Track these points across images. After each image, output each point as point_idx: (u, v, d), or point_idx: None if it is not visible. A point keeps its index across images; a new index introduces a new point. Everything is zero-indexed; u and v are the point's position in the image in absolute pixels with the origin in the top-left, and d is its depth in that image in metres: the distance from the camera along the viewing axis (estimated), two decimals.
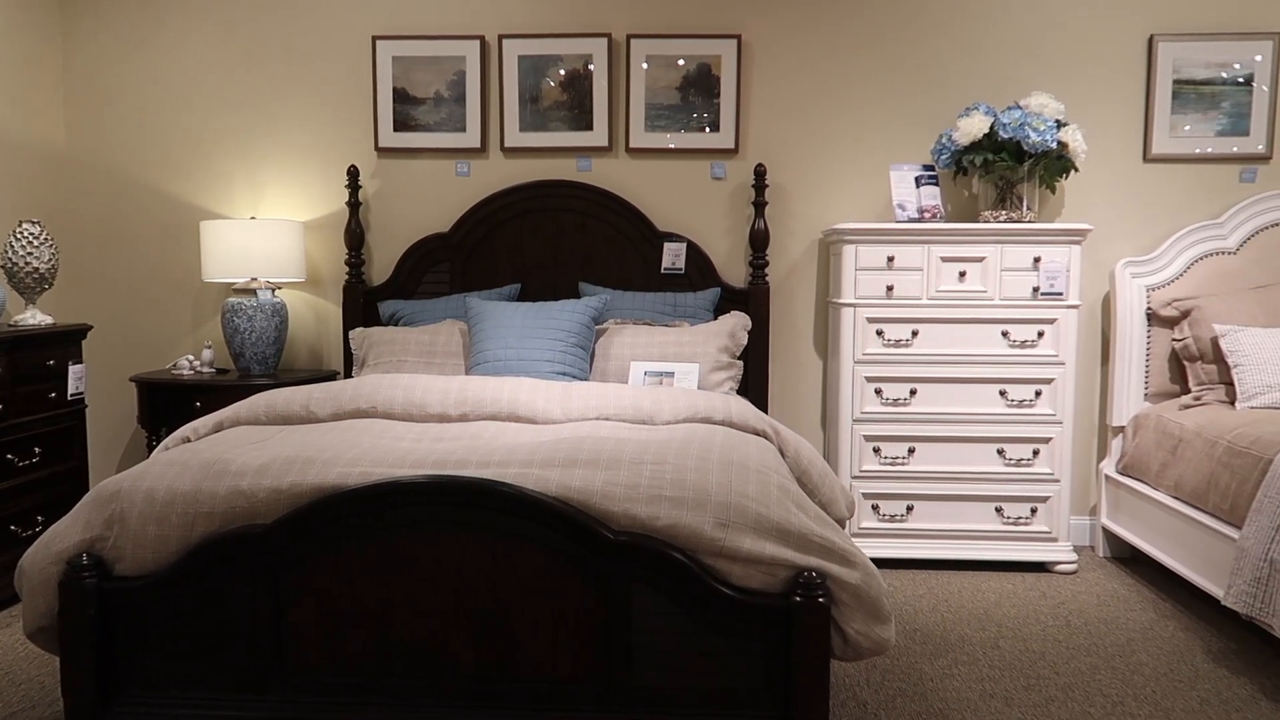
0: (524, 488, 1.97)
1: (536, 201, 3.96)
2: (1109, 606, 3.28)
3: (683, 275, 3.94)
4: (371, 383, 2.82)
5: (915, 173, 3.74)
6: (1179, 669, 2.76)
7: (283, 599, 2.02)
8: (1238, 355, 3.41)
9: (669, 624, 1.97)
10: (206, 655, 2.03)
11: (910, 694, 2.59)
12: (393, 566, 2.00)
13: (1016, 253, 3.57)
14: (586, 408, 2.76)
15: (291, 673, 2.03)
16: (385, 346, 3.59)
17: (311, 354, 4.17)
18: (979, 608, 3.26)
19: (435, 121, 4.03)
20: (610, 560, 1.96)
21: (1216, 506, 3.03)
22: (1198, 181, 3.91)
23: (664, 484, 2.01)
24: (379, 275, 4.10)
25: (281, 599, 2.02)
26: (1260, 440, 2.91)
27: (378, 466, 2.09)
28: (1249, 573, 2.71)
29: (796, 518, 2.00)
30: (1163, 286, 3.80)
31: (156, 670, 2.04)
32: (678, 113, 3.97)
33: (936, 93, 3.94)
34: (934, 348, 3.61)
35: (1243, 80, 3.84)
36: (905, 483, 3.64)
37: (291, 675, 2.03)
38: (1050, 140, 3.52)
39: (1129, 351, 3.80)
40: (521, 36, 3.98)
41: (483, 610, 1.99)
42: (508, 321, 3.47)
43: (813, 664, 1.92)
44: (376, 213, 4.10)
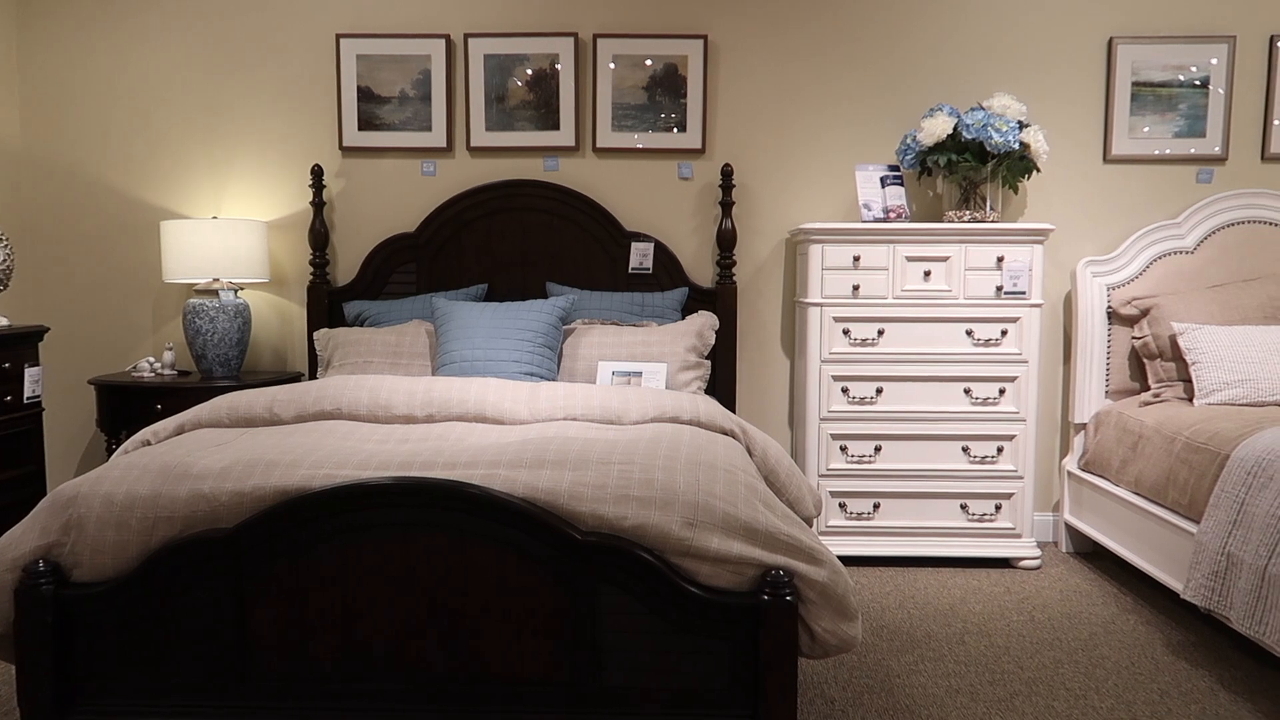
0: (491, 489, 1.96)
1: (503, 201, 3.94)
2: (1072, 601, 3.33)
3: (650, 275, 3.94)
4: (336, 384, 2.79)
5: (880, 173, 3.77)
6: (1140, 662, 2.81)
7: (246, 604, 1.99)
8: (1195, 353, 3.47)
9: (637, 624, 1.97)
10: (167, 662, 2.00)
11: (877, 690, 2.61)
12: (358, 570, 1.98)
13: (980, 252, 3.61)
14: (554, 408, 2.75)
15: (255, 679, 2.00)
16: (351, 347, 3.56)
17: (276, 356, 4.13)
18: (945, 604, 3.29)
19: (401, 120, 4.00)
20: (578, 560, 1.95)
21: (1175, 501, 3.08)
22: (1156, 182, 3.97)
23: (631, 484, 2.01)
24: (344, 276, 4.06)
25: (244, 604, 1.99)
26: (1217, 436, 2.96)
27: (342, 469, 2.07)
28: (1207, 566, 2.76)
29: (764, 516, 2.01)
30: (1123, 285, 3.86)
31: (116, 678, 2.00)
32: (645, 113, 3.97)
33: (901, 93, 3.97)
34: (899, 347, 3.63)
35: (1199, 83, 3.91)
36: (872, 481, 3.67)
37: (255, 682, 2.00)
38: (1013, 141, 3.56)
39: (1090, 349, 3.85)
40: (487, 35, 3.96)
41: (450, 612, 1.98)
42: (475, 322, 3.45)
43: (780, 662, 1.92)
44: (341, 212, 4.06)
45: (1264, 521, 2.56)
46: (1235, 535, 2.67)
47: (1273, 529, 2.52)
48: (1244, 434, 2.87)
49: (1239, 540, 2.65)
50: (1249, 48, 3.90)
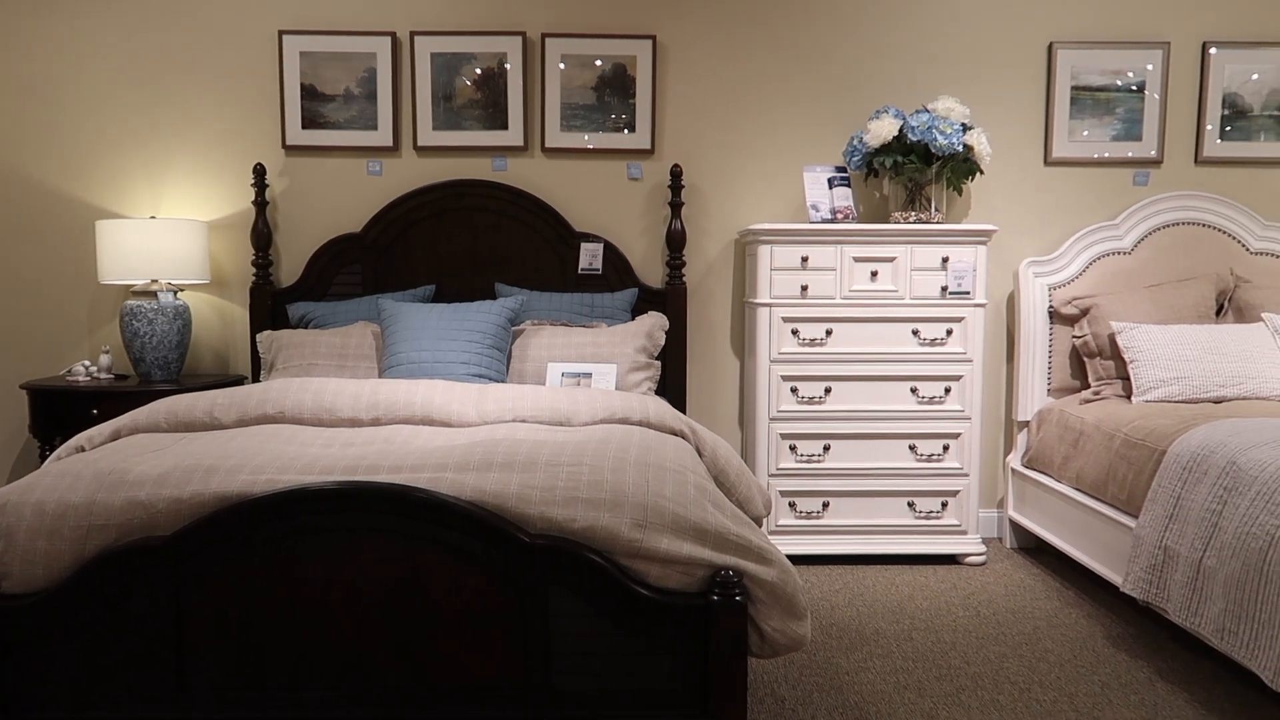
0: (437, 492, 1.94)
1: (451, 201, 3.90)
2: (1016, 596, 3.38)
3: (600, 276, 3.93)
4: (279, 387, 2.74)
5: (828, 174, 3.80)
6: (1082, 655, 2.86)
7: (185, 614, 1.94)
8: (1133, 351, 3.55)
9: (587, 626, 1.96)
10: (103, 675, 1.94)
11: (827, 688, 2.63)
12: (303, 577, 1.94)
13: (926, 253, 3.66)
14: (503, 410, 2.73)
15: (196, 691, 1.95)
16: (295, 350, 3.50)
17: (217, 358, 4.04)
18: (893, 601, 3.32)
19: (346, 119, 3.94)
20: (527, 563, 1.93)
21: (1115, 497, 3.15)
22: (1095, 184, 4.06)
23: (580, 485, 2.00)
24: (288, 277, 3.99)
25: (183, 614, 1.94)
26: (1154, 433, 3.03)
27: (285, 473, 2.03)
28: (1145, 560, 2.82)
29: (713, 517, 2.01)
30: (1063, 285, 3.94)
31: (49, 692, 1.94)
32: (594, 113, 3.96)
33: (848, 95, 4.01)
34: (847, 346, 3.67)
35: (1136, 88, 4.01)
36: (821, 480, 3.70)
37: (196, 693, 1.95)
38: (957, 143, 3.61)
39: (1032, 348, 3.92)
40: (434, 34, 3.92)
41: (397, 617, 1.95)
42: (422, 323, 3.41)
43: (730, 662, 1.92)
44: (285, 212, 3.99)
45: (1199, 515, 2.63)
46: (1171, 529, 2.74)
47: (1207, 522, 2.59)
48: (1179, 430, 2.94)
49: (1175, 534, 2.72)
50: (1182, 54, 4.01)
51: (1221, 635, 2.46)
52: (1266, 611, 2.31)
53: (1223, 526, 2.53)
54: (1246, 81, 4.00)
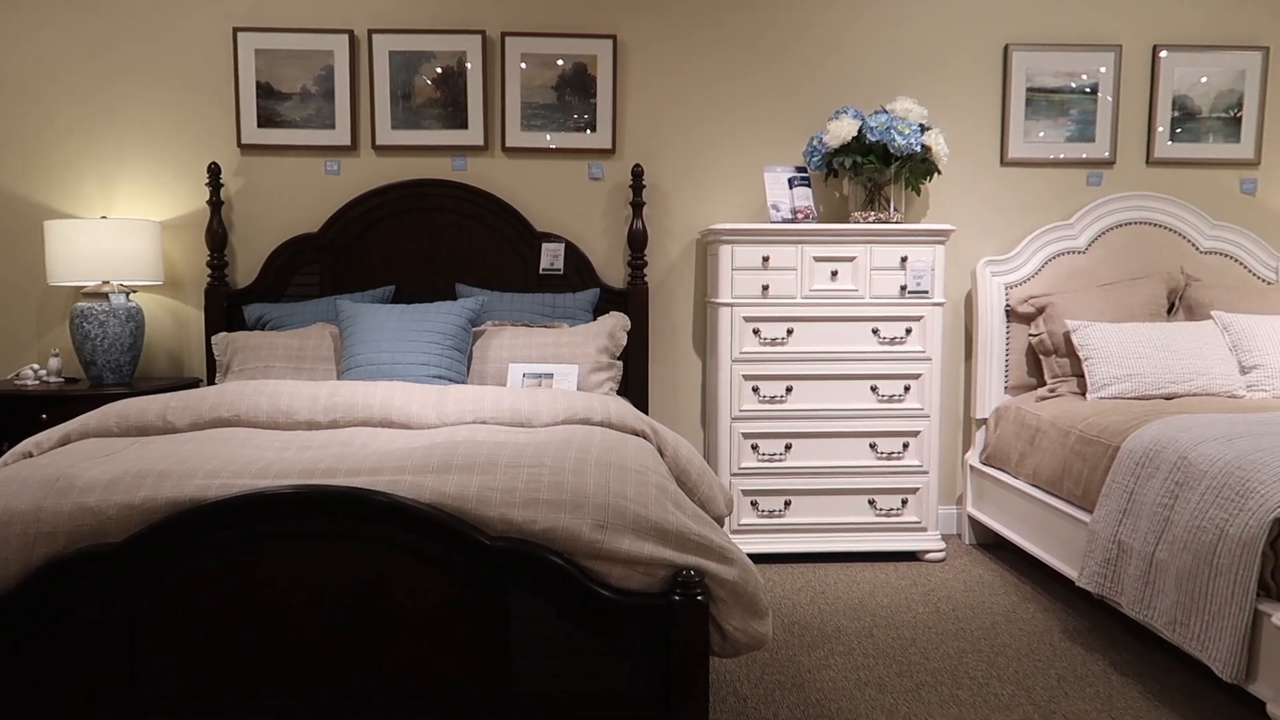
0: (396, 495, 1.91)
1: (410, 201, 3.87)
2: (975, 592, 3.42)
3: (561, 276, 3.91)
4: (234, 389, 2.69)
5: (788, 174, 3.82)
6: (1039, 649, 2.90)
7: (137, 622, 1.90)
8: (1088, 349, 3.61)
9: (548, 628, 1.95)
10: (53, 686, 1.89)
11: (789, 686, 2.64)
12: (258, 582, 1.91)
13: (885, 252, 3.69)
14: (463, 411, 2.70)
15: (149, 701, 1.91)
16: (251, 352, 3.44)
17: (171, 361, 3.97)
18: (854, 598, 3.35)
19: (302, 118, 3.89)
20: (487, 566, 1.92)
21: (1070, 492, 3.20)
22: (1050, 184, 4.12)
23: (541, 487, 1.99)
24: (244, 278, 3.93)
25: (136, 622, 1.90)
26: (1108, 429, 3.08)
27: (239, 478, 1.99)
28: (1099, 554, 2.87)
29: (675, 517, 2.01)
30: (1020, 284, 4.00)
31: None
32: (554, 112, 3.94)
33: (808, 95, 4.03)
34: (808, 346, 3.69)
35: (1089, 89, 4.07)
36: (783, 478, 3.72)
37: (149, 704, 1.91)
38: (915, 143, 3.65)
39: (990, 347, 3.97)
40: (392, 32, 3.88)
41: (356, 622, 1.92)
42: (381, 324, 3.37)
43: (692, 662, 1.92)
44: (240, 212, 3.93)
45: (1151, 510, 2.68)
46: (1125, 524, 2.79)
47: (1159, 517, 2.64)
48: (1132, 427, 2.99)
49: (1129, 528, 2.76)
50: (1134, 57, 4.08)
51: (1173, 627, 2.51)
52: (1216, 604, 2.35)
53: (1174, 521, 2.58)
54: (1195, 84, 4.09)
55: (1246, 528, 2.29)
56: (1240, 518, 2.33)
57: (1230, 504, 2.39)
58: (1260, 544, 2.25)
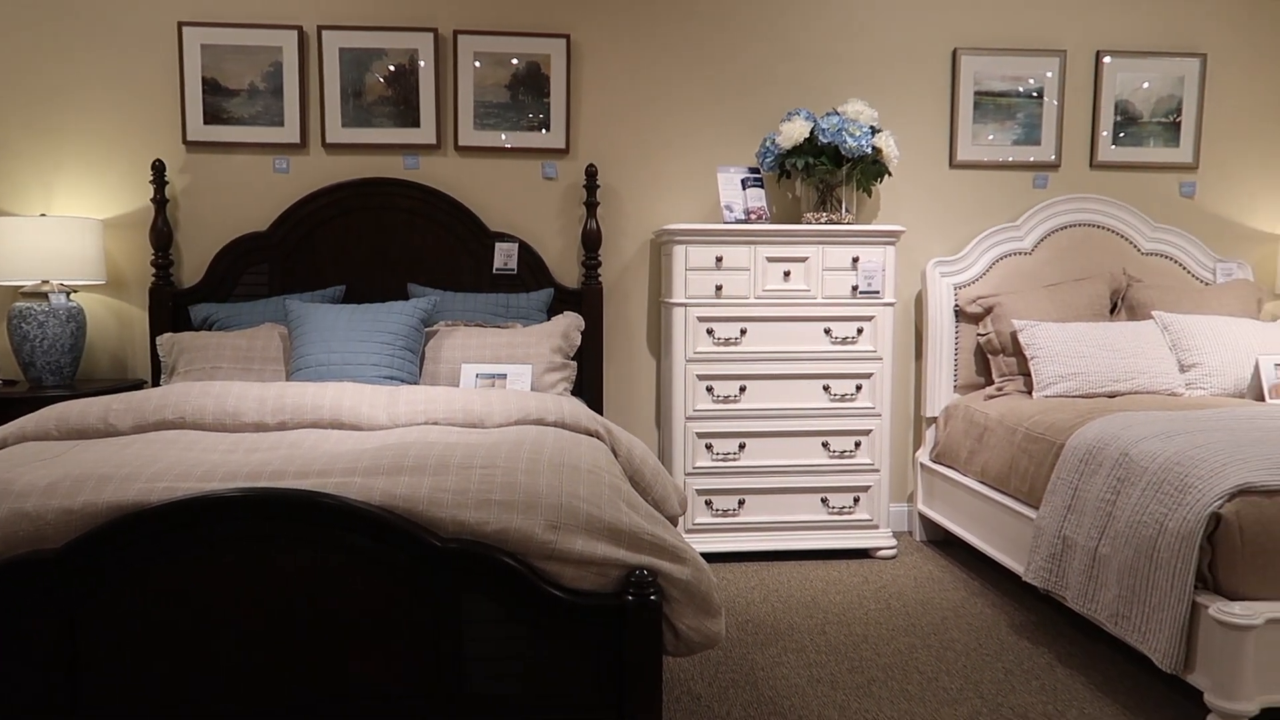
0: (346, 497, 1.89)
1: (362, 200, 3.82)
2: (925, 588, 3.47)
3: (515, 276, 3.90)
4: (179, 391, 2.64)
5: (741, 175, 3.84)
6: (986, 643, 2.95)
7: (77, 630, 1.85)
8: (1034, 348, 3.68)
9: (501, 631, 1.93)
10: None
11: (742, 684, 2.66)
12: (204, 589, 1.87)
13: (837, 253, 3.72)
14: (414, 412, 2.68)
15: (90, 711, 1.86)
16: (197, 352, 3.38)
17: (115, 362, 3.88)
18: (807, 596, 3.38)
19: (250, 115, 3.83)
20: (439, 568, 1.90)
21: (1017, 489, 3.26)
22: (998, 186, 4.19)
23: (494, 488, 1.98)
24: (190, 277, 3.85)
25: (76, 630, 1.85)
26: (1054, 427, 3.15)
27: (184, 481, 1.95)
28: (1045, 549, 2.92)
29: (628, 517, 2.01)
30: (968, 285, 4.06)
31: None
32: (508, 111, 3.92)
33: (761, 97, 4.06)
34: (762, 346, 3.71)
35: (1035, 94, 4.15)
36: (736, 478, 3.74)
37: (91, 713, 1.86)
38: (866, 145, 3.69)
39: (939, 346, 4.03)
40: (342, 28, 3.83)
41: (305, 628, 1.90)
42: (331, 324, 3.33)
43: (645, 662, 1.92)
44: (186, 210, 3.85)
45: (1094, 505, 2.74)
46: (1070, 519, 2.85)
47: (1102, 512, 2.70)
48: (1076, 424, 3.05)
49: (1073, 524, 2.82)
50: (1078, 62, 4.17)
51: (1116, 620, 2.57)
52: (1156, 596, 2.41)
53: (1116, 516, 2.64)
54: (1137, 89, 4.18)
55: (1185, 522, 2.35)
56: (1179, 512, 2.39)
57: (1169, 499, 2.45)
58: (1198, 538, 2.31)
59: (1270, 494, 2.34)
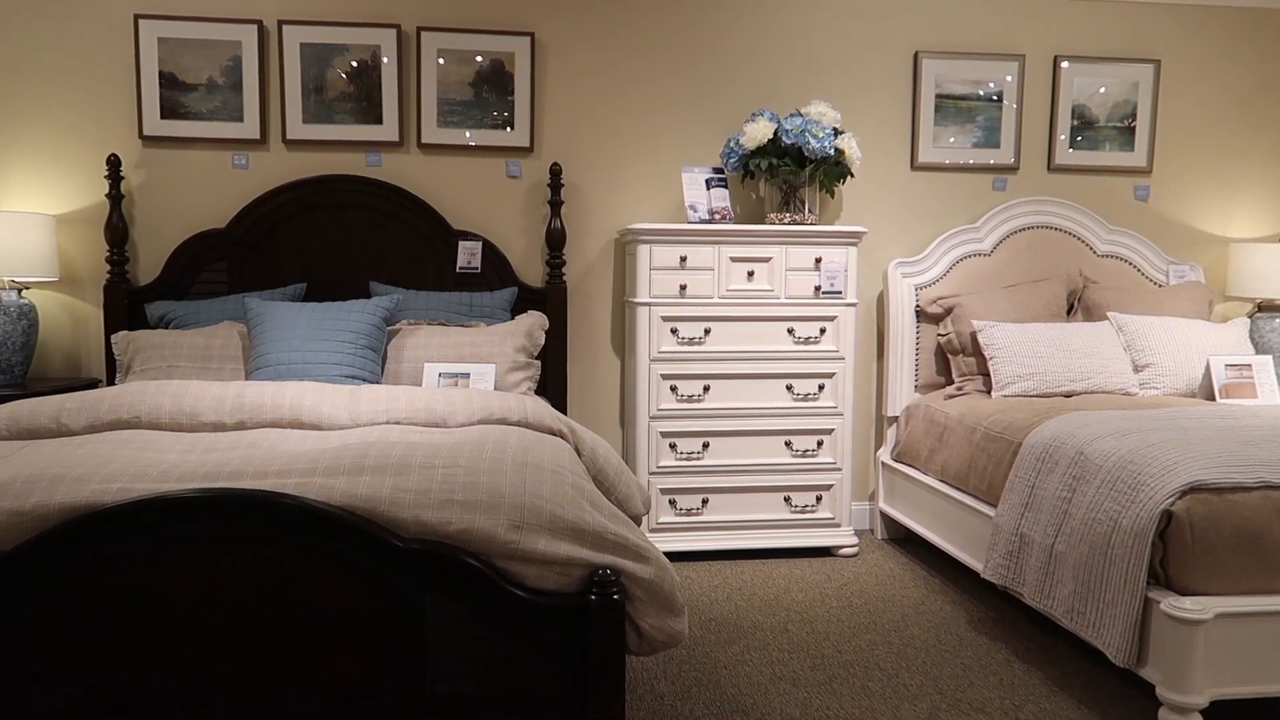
0: (306, 498, 1.87)
1: (323, 197, 3.78)
2: (886, 585, 3.51)
3: (478, 275, 3.88)
4: (135, 390, 2.59)
5: (706, 175, 3.85)
6: (946, 639, 2.99)
7: (29, 635, 1.81)
8: (993, 348, 3.73)
9: (463, 631, 1.93)
10: None
11: (705, 683, 2.67)
12: (160, 591, 1.84)
13: (800, 253, 3.75)
14: (376, 412, 2.66)
15: (41, 717, 1.83)
16: (154, 351, 3.32)
17: (68, 361, 3.80)
18: (770, 594, 3.40)
19: (209, 110, 3.77)
20: (401, 569, 1.89)
21: (976, 487, 3.30)
22: (958, 189, 4.24)
23: (456, 488, 1.97)
24: (146, 274, 3.79)
25: (28, 635, 1.81)
26: (1011, 426, 3.19)
27: (139, 482, 1.92)
28: (1003, 546, 2.97)
29: (591, 516, 2.01)
30: (929, 285, 4.11)
31: None
32: (471, 109, 3.90)
33: (725, 97, 4.07)
34: (725, 345, 3.73)
35: (995, 97, 4.21)
36: (700, 477, 3.75)
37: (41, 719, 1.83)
38: (828, 147, 3.71)
39: (901, 346, 4.07)
40: (303, 23, 3.79)
41: (265, 631, 1.87)
42: (292, 323, 3.29)
43: (608, 661, 1.93)
44: (143, 206, 3.79)
45: (1051, 503, 2.78)
46: (1027, 517, 2.89)
47: (1058, 510, 2.74)
48: (1034, 423, 3.10)
49: (1030, 521, 2.87)
50: (1036, 66, 4.23)
51: (1071, 616, 2.61)
52: (1110, 592, 2.46)
53: (1072, 513, 2.68)
54: (1094, 94, 4.26)
55: (1138, 519, 2.40)
56: (1132, 510, 2.44)
57: (1124, 497, 2.49)
58: (1150, 535, 2.36)
59: (1220, 492, 2.39)
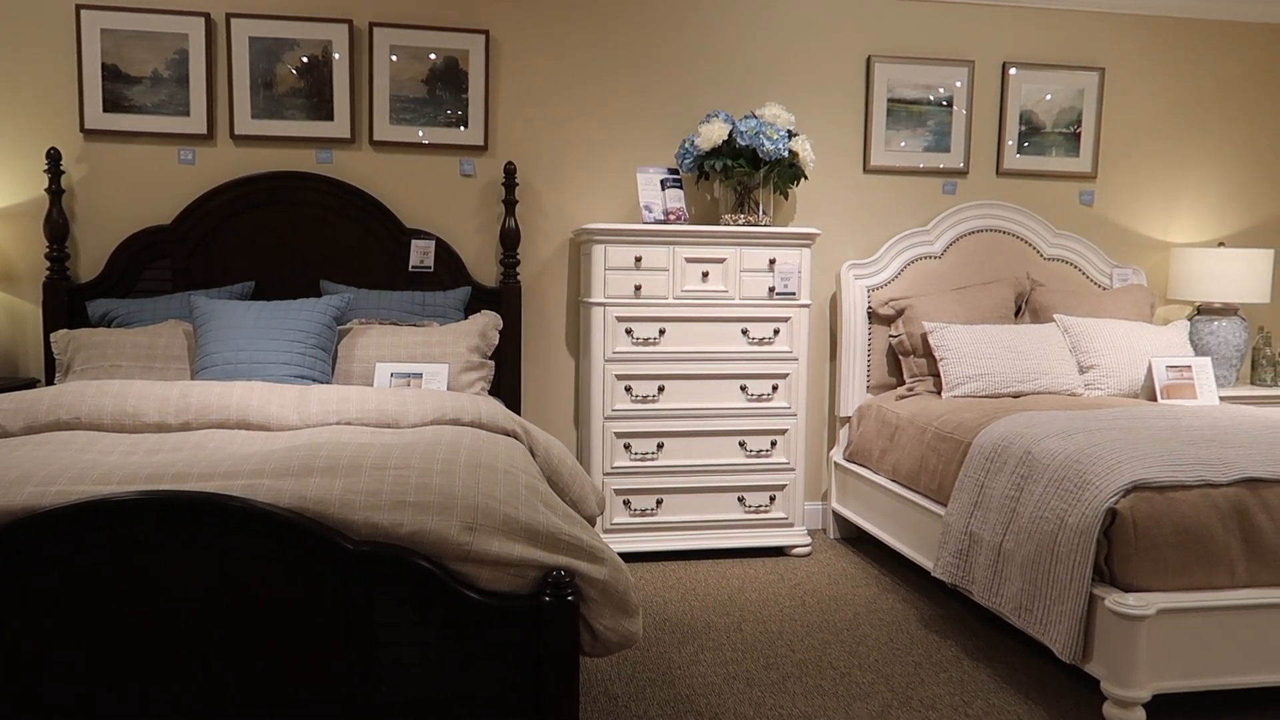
0: (253, 500, 1.84)
1: (272, 194, 3.72)
2: (839, 585, 3.54)
3: (432, 274, 3.84)
4: (75, 390, 2.52)
5: (661, 175, 3.86)
6: (897, 637, 3.02)
7: None
8: (943, 350, 3.78)
9: (415, 634, 1.90)
10: None
11: (659, 683, 2.67)
12: (101, 597, 1.79)
13: (754, 255, 3.77)
14: (326, 412, 2.62)
15: None
16: (95, 350, 3.24)
17: (4, 360, 3.69)
18: (724, 594, 3.41)
19: (154, 103, 3.69)
20: (351, 572, 1.86)
21: (927, 487, 3.34)
22: (910, 192, 4.29)
23: (408, 489, 1.94)
24: (88, 271, 3.69)
25: None
26: (961, 426, 3.24)
27: (79, 484, 1.87)
28: (953, 545, 3.01)
29: (545, 517, 2.00)
30: (881, 287, 4.15)
31: None
32: (425, 106, 3.86)
33: (680, 98, 4.08)
34: (680, 346, 3.73)
35: (945, 102, 4.27)
36: (654, 477, 3.75)
37: None
38: (782, 149, 3.74)
39: (853, 347, 4.11)
40: (252, 16, 3.72)
41: (211, 636, 1.83)
42: (239, 322, 3.23)
43: (562, 663, 1.92)
44: (84, 201, 3.69)
45: (999, 502, 2.82)
46: (976, 516, 2.93)
47: (1006, 509, 2.79)
48: (983, 424, 3.15)
49: (979, 520, 2.91)
50: (985, 72, 4.30)
51: (1019, 613, 2.65)
52: (1057, 589, 2.50)
53: (1019, 512, 2.73)
54: (1041, 100, 4.34)
55: (1083, 517, 2.45)
56: (1078, 508, 2.48)
57: (1070, 495, 2.54)
58: (1095, 532, 2.41)
59: (1162, 490, 2.45)
